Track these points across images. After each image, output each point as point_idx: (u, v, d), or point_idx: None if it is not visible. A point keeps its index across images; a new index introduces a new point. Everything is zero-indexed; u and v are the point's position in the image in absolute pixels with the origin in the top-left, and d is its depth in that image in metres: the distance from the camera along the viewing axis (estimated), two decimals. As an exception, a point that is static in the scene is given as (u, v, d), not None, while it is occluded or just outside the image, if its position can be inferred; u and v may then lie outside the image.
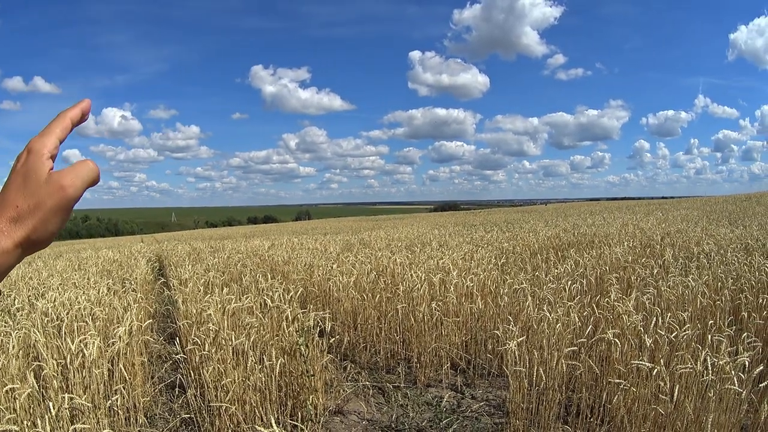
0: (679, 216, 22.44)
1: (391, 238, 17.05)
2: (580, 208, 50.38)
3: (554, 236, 14.03)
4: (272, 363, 4.74)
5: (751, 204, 33.41)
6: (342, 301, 7.45)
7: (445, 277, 7.30)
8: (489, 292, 6.99)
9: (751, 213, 22.80)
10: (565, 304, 5.42)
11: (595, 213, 32.98)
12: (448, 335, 6.31)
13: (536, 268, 8.67)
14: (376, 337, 6.85)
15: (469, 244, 12.69)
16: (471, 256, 9.54)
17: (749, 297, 5.81)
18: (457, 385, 5.93)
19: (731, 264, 7.50)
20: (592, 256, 9.13)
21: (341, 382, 5.97)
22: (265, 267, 11.00)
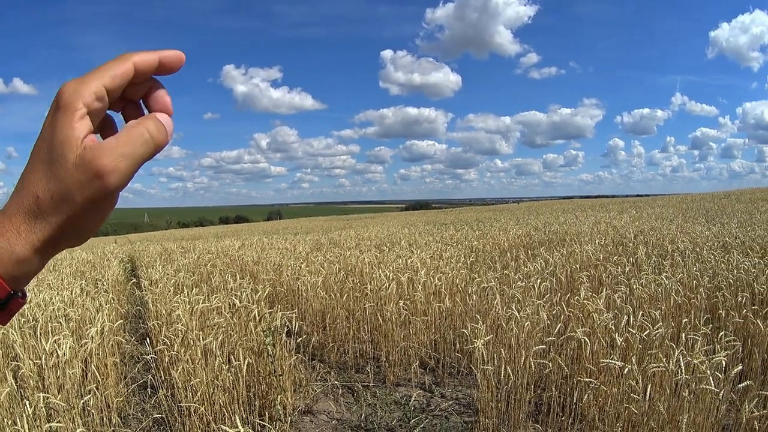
0: (653, 214, 22.69)
1: (360, 238, 17.23)
2: (552, 207, 50.76)
3: (525, 234, 14.17)
4: (240, 363, 4.76)
5: (731, 201, 33.80)
6: (310, 301, 7.62)
7: (413, 276, 7.39)
8: (458, 290, 7.06)
9: (730, 210, 23.04)
10: (534, 303, 5.47)
11: (567, 211, 33.30)
12: (417, 334, 6.39)
13: (506, 266, 8.71)
14: (344, 336, 6.91)
15: (439, 243, 12.79)
16: (440, 255, 9.63)
17: (727, 295, 5.86)
18: (427, 383, 5.99)
19: (707, 262, 7.57)
20: (562, 254, 9.24)
21: (310, 381, 6.01)
22: (235, 267, 11.16)
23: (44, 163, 0.62)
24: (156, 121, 0.67)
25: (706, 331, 4.62)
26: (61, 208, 0.62)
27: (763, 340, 4.84)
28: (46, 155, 0.62)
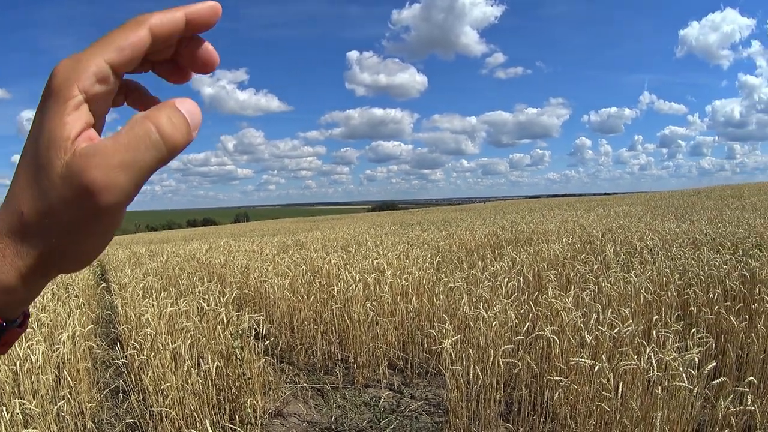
0: (621, 212, 22.85)
1: (327, 239, 17.40)
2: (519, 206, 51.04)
3: (492, 234, 14.26)
4: (209, 367, 4.75)
5: (700, 198, 34.06)
6: (278, 303, 7.71)
7: (380, 276, 7.47)
8: (425, 291, 7.10)
9: (699, 208, 23.18)
10: (501, 302, 5.52)
11: (534, 210, 33.41)
12: (385, 335, 6.44)
13: (473, 266, 8.80)
14: (312, 338, 6.95)
15: (405, 244, 12.87)
16: (406, 255, 9.69)
17: (698, 292, 5.94)
18: (396, 384, 6.04)
19: (677, 259, 7.67)
20: (529, 253, 9.30)
21: (280, 384, 6.04)
22: (203, 270, 11.33)
23: (29, 170, 0.49)
24: (171, 113, 0.50)
25: (677, 328, 4.67)
26: (49, 229, 0.49)
27: (736, 336, 4.90)
28: (32, 161, 0.49)
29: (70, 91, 0.48)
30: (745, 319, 5.21)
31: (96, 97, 0.50)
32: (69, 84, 0.48)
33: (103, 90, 0.50)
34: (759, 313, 5.11)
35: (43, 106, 0.49)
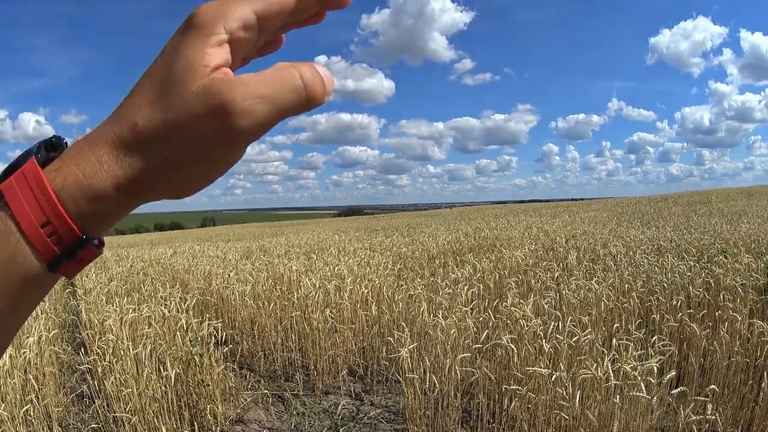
0: (587, 218, 23.00)
1: (291, 245, 17.45)
2: (485, 212, 51.27)
3: (455, 240, 14.32)
4: (168, 373, 4.78)
5: (668, 204, 34.31)
6: (239, 310, 7.76)
7: (340, 283, 7.46)
8: (385, 298, 7.13)
9: (666, 214, 23.35)
10: (461, 310, 5.54)
11: (499, 216, 33.54)
12: (345, 342, 6.49)
13: (434, 273, 8.86)
14: (273, 345, 6.96)
15: (367, 250, 12.94)
16: (367, 262, 9.72)
17: (661, 299, 5.96)
18: (356, 391, 6.09)
19: (640, 266, 7.72)
20: (491, 260, 9.33)
21: (241, 390, 6.05)
22: (167, 275, 11.37)
23: (154, 88, 0.49)
24: (314, 69, 0.50)
25: (639, 335, 4.67)
26: (163, 144, 0.48)
27: (699, 343, 4.89)
28: (159, 80, 0.49)
29: (215, 27, 0.49)
30: (708, 326, 5.23)
31: (238, 41, 0.51)
32: (216, 21, 0.49)
33: (245, 36, 0.51)
34: (722, 320, 5.14)
35: (182, 38, 0.49)
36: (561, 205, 52.43)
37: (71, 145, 0.51)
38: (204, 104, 0.47)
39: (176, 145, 0.48)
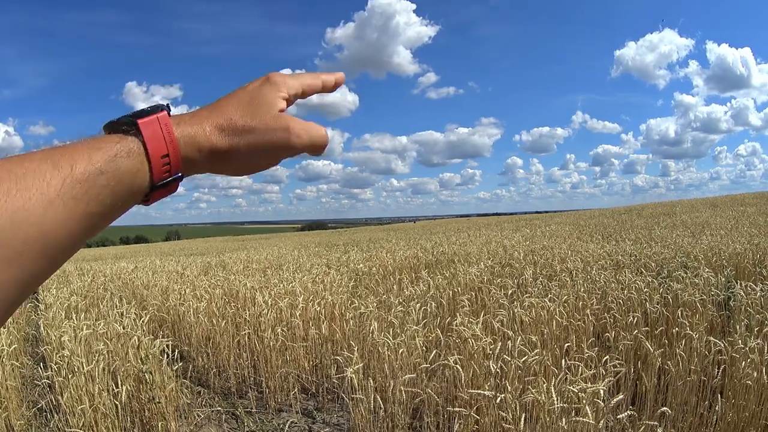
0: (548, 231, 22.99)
1: (250, 260, 17.61)
2: (447, 225, 51.51)
3: (412, 256, 14.26)
4: (120, 390, 4.93)
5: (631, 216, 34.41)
6: (194, 326, 7.88)
7: (293, 301, 7.47)
8: (337, 315, 7.25)
9: (629, 226, 23.35)
10: (411, 328, 5.50)
11: (461, 230, 33.59)
12: (297, 360, 6.64)
13: (389, 290, 8.91)
14: (227, 362, 7.10)
15: (324, 267, 12.95)
16: (322, 280, 9.75)
17: (617, 316, 5.94)
18: (309, 409, 6.19)
19: (597, 282, 7.65)
20: (445, 276, 9.26)
21: (194, 407, 6.20)
22: (127, 291, 11.78)
23: (244, 105, 0.78)
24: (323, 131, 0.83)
25: (592, 354, 4.62)
26: (245, 136, 0.76)
27: (654, 362, 4.81)
28: (249, 101, 0.78)
29: (282, 88, 0.82)
30: (665, 343, 5.17)
31: (288, 99, 0.84)
32: (283, 85, 0.82)
33: (290, 99, 0.84)
34: (679, 338, 5.08)
35: (263, 85, 0.81)
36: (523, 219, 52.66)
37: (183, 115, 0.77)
38: (278, 123, 0.78)
39: (254, 138, 0.77)
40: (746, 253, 9.74)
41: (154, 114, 0.72)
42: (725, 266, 8.75)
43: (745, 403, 4.18)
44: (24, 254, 0.59)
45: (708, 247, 11.00)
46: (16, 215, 0.57)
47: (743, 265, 9.10)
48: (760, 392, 4.15)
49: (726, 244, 11.34)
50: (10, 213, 0.57)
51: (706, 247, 11.04)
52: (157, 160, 0.70)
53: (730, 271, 8.11)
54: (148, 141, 0.70)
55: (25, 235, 0.58)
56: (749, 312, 5.62)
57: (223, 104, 0.78)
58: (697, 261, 9.32)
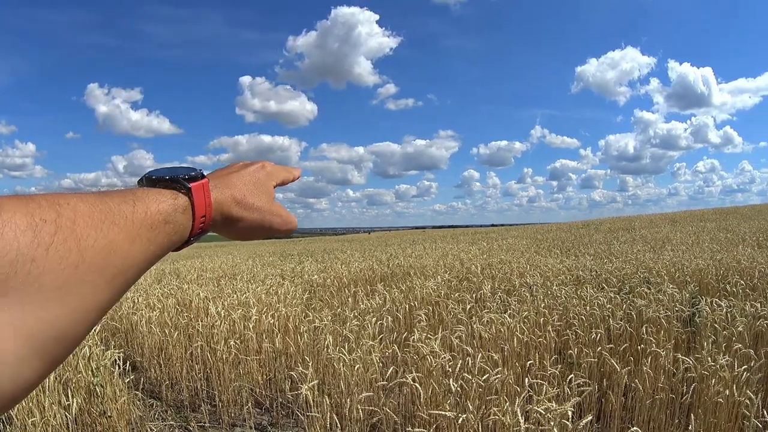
0: (505, 245, 23.01)
1: (204, 269, 17.73)
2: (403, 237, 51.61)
3: (368, 268, 14.24)
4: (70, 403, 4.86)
5: (589, 231, 34.58)
6: (147, 336, 7.81)
7: (246, 312, 7.45)
8: (291, 329, 7.21)
9: (587, 241, 23.28)
10: (366, 343, 5.48)
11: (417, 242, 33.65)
12: (250, 373, 6.61)
13: (344, 303, 8.89)
14: (179, 374, 7.01)
15: (279, 277, 13.02)
16: (276, 291, 9.72)
17: (579, 332, 5.90)
18: (263, 424, 6.10)
19: (558, 297, 7.61)
20: (401, 290, 9.20)
21: (147, 421, 6.05)
22: None
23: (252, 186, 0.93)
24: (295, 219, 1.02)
25: (555, 372, 4.62)
26: (252, 212, 0.92)
27: (620, 379, 4.76)
28: (254, 183, 0.94)
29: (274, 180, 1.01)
30: (631, 361, 5.12)
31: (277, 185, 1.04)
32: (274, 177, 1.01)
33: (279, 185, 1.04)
34: (645, 355, 5.04)
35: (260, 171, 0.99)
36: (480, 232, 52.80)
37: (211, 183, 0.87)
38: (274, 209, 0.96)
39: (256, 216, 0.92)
40: (709, 269, 9.79)
41: (200, 180, 0.84)
42: (689, 282, 8.79)
43: (717, 421, 4.15)
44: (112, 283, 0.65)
45: (670, 263, 11.03)
46: (111, 245, 0.65)
47: (707, 280, 9.12)
48: (730, 410, 4.12)
49: (688, 259, 11.40)
50: (107, 241, 0.64)
51: (668, 263, 11.07)
52: (198, 219, 0.82)
53: (693, 287, 8.13)
54: (196, 203, 0.81)
55: (115, 266, 0.65)
56: (716, 328, 5.61)
57: (235, 181, 0.92)
58: (660, 277, 9.36)
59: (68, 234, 0.60)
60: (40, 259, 0.56)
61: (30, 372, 0.57)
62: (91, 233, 0.62)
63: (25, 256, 0.55)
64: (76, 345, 0.64)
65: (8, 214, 0.56)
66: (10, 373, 0.54)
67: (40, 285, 0.56)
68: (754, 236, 17.85)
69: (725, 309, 6.07)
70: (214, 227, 0.89)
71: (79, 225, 0.61)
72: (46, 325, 0.57)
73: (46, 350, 0.58)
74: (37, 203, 0.60)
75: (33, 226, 0.57)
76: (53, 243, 0.58)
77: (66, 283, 0.58)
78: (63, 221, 0.60)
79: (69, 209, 0.62)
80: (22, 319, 0.55)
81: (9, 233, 0.55)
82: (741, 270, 9.68)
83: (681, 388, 4.74)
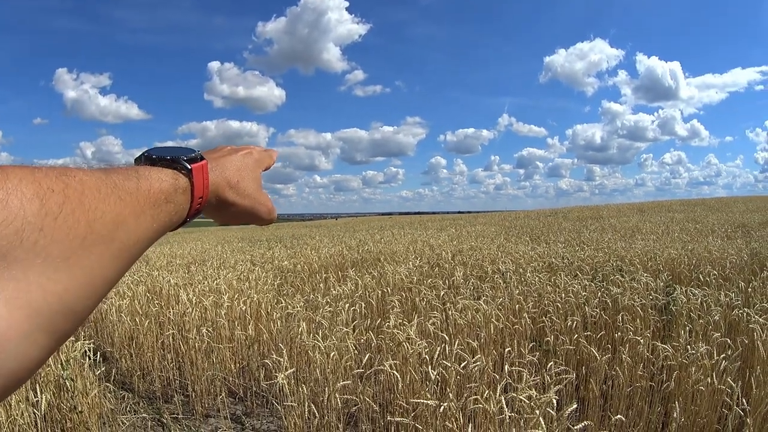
0: (474, 232, 23.07)
1: (173, 255, 17.55)
2: (370, 223, 51.61)
3: (338, 254, 14.29)
4: (39, 399, 4.59)
5: (558, 219, 34.77)
6: (117, 325, 7.64)
7: (218, 299, 7.40)
8: (264, 315, 7.16)
9: (557, 228, 23.51)
10: (341, 330, 5.45)
11: (385, 228, 33.63)
12: (223, 362, 6.48)
13: (315, 288, 8.95)
14: (151, 363, 6.92)
15: (249, 263, 12.95)
16: (247, 277, 9.68)
17: (555, 319, 5.89)
18: (237, 414, 6.03)
19: (532, 284, 7.62)
20: (373, 276, 9.23)
21: (118, 413, 5.88)
22: None
23: (243, 172, 0.94)
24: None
25: (532, 359, 4.63)
26: (243, 198, 0.94)
27: (600, 367, 4.76)
28: (245, 169, 0.95)
29: (261, 166, 1.03)
30: (608, 349, 5.13)
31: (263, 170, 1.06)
32: (261, 163, 1.03)
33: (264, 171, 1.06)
34: (623, 343, 5.07)
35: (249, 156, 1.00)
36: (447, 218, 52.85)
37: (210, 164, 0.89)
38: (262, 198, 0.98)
39: (246, 202, 0.94)
40: (681, 258, 9.91)
41: (199, 162, 0.84)
42: (661, 270, 8.84)
43: (698, 409, 4.16)
44: (118, 258, 0.64)
45: (642, 252, 11.14)
46: (118, 219, 0.64)
47: (679, 269, 9.21)
48: (711, 398, 4.13)
49: (660, 249, 11.50)
50: (114, 215, 0.63)
51: (640, 252, 11.18)
52: (196, 200, 0.83)
53: (667, 276, 8.17)
54: (195, 185, 0.82)
55: (121, 241, 0.64)
56: (691, 317, 5.63)
57: (228, 164, 0.92)
58: (633, 265, 9.45)
59: (76, 205, 0.58)
60: (48, 228, 0.55)
61: (35, 349, 0.54)
62: (99, 206, 0.61)
63: (32, 225, 0.53)
64: (82, 321, 0.62)
65: (14, 182, 0.54)
66: (15, 351, 0.51)
67: (47, 256, 0.54)
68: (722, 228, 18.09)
69: (700, 298, 6.09)
70: (206, 209, 0.90)
71: (87, 197, 0.60)
72: (53, 299, 0.55)
73: (53, 326, 0.56)
74: (44, 173, 0.58)
75: (40, 194, 0.55)
76: (61, 213, 0.56)
77: (73, 255, 0.57)
78: (71, 192, 0.58)
79: (76, 181, 0.60)
80: (28, 291, 0.52)
81: (15, 201, 0.53)
82: (713, 260, 9.83)
83: (660, 377, 4.75)
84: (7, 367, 0.51)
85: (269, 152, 1.09)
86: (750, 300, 6.39)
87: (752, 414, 3.86)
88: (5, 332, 0.50)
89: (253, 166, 0.98)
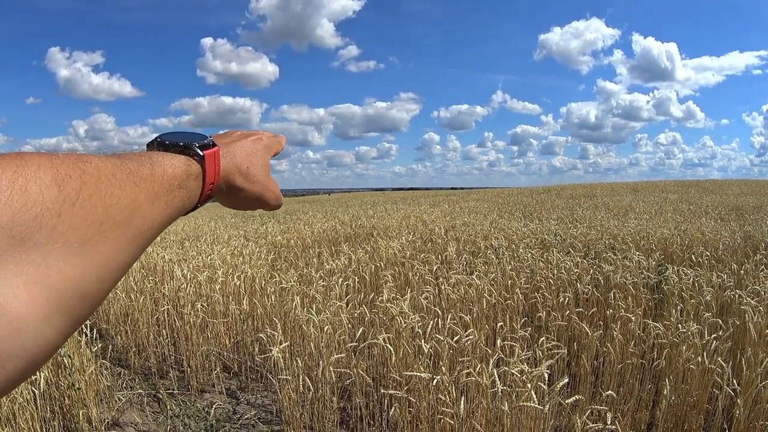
0: (467, 208, 23.06)
1: (167, 231, 17.26)
2: (363, 198, 51.53)
3: (331, 229, 14.33)
4: (37, 377, 4.66)
5: (551, 196, 34.64)
6: (112, 302, 7.60)
7: (212, 275, 7.41)
8: (258, 290, 7.18)
9: (549, 206, 23.51)
10: (335, 304, 5.49)
11: (378, 204, 33.61)
12: (218, 337, 6.55)
13: (309, 263, 8.92)
14: (146, 339, 6.91)
15: (242, 238, 12.98)
16: (241, 252, 9.74)
17: (547, 295, 5.94)
18: (232, 389, 6.09)
19: (524, 260, 7.65)
20: (366, 251, 9.26)
21: (115, 390, 5.89)
22: None
23: (253, 158, 0.95)
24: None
25: (524, 334, 4.64)
26: (253, 184, 0.94)
27: (591, 343, 4.80)
28: (255, 155, 0.96)
29: (270, 152, 1.03)
30: (600, 326, 5.17)
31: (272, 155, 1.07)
32: (271, 149, 1.03)
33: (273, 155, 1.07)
34: (614, 320, 5.13)
35: (258, 145, 0.99)
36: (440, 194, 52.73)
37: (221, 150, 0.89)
38: (271, 184, 0.98)
39: (256, 188, 0.95)
40: (674, 239, 9.95)
41: (211, 148, 0.84)
42: (654, 250, 8.87)
43: (688, 387, 4.19)
44: (133, 243, 0.66)
45: (635, 231, 11.16)
46: (134, 204, 0.65)
47: (672, 249, 9.23)
48: (702, 377, 4.17)
49: (653, 228, 11.52)
50: (130, 201, 0.64)
51: (633, 231, 11.21)
52: (207, 186, 0.83)
53: (659, 255, 8.20)
54: (207, 171, 0.82)
55: (136, 226, 0.66)
56: (683, 296, 5.67)
57: (238, 150, 0.92)
58: (626, 244, 9.47)
59: (93, 191, 0.60)
60: (66, 214, 0.56)
61: (53, 332, 0.55)
62: (115, 191, 0.62)
63: (51, 211, 0.54)
64: (98, 304, 0.63)
65: (33, 168, 0.56)
66: (34, 334, 0.53)
67: (65, 241, 0.56)
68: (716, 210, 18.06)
69: (692, 278, 6.13)
70: (216, 195, 0.90)
71: (104, 183, 0.61)
72: (71, 283, 0.56)
73: (70, 309, 0.57)
74: (61, 159, 0.60)
75: (58, 180, 0.57)
76: (79, 198, 0.57)
77: (90, 240, 0.58)
78: (88, 178, 0.60)
79: (92, 167, 0.62)
80: (47, 276, 0.54)
81: (33, 188, 0.54)
82: (705, 241, 9.86)
83: (651, 355, 4.78)
84: (27, 349, 0.52)
85: (278, 138, 1.09)
86: (742, 282, 6.38)
87: (743, 394, 3.87)
88: (25, 315, 0.52)
89: (263, 152, 0.98)
